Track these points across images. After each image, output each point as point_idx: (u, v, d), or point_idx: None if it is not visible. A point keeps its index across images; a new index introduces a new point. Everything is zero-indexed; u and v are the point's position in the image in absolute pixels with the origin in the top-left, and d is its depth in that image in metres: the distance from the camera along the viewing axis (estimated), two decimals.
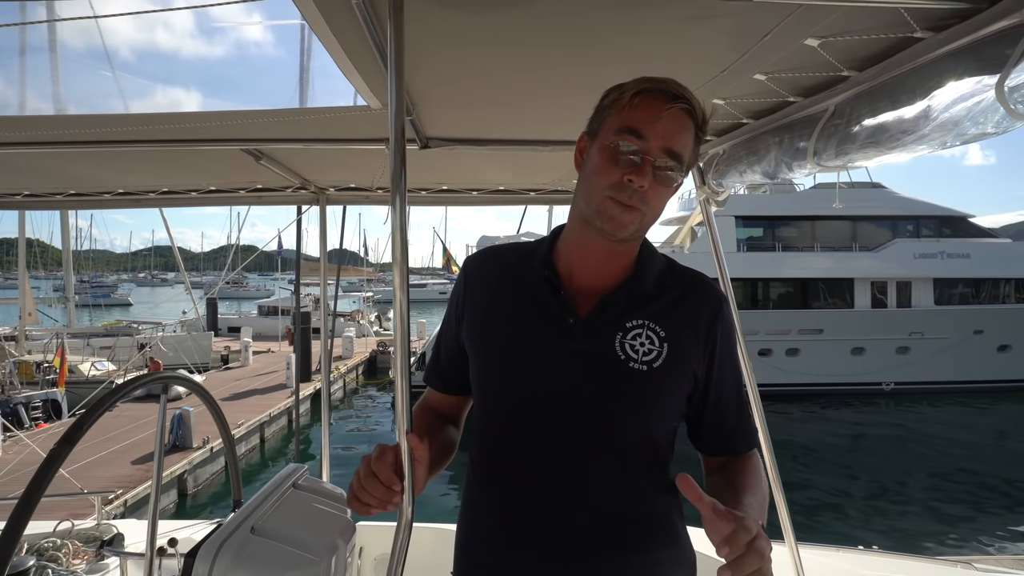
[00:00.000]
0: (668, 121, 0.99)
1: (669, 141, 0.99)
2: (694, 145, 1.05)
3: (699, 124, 1.04)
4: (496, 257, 1.22)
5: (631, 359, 1.04)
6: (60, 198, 3.03)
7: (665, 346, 1.05)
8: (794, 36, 1.13)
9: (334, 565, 1.07)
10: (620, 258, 1.10)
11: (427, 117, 1.84)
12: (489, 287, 1.17)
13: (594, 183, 1.03)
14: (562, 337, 1.06)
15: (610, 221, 1.01)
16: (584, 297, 1.09)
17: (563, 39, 1.23)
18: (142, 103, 2.43)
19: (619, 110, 1.02)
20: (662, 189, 1.01)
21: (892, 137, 1.24)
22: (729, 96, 1.54)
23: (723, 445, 1.16)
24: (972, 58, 1.04)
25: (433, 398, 1.27)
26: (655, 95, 1.00)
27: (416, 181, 2.82)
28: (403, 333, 0.96)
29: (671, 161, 1.00)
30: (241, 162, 2.32)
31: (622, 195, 0.99)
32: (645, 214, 1.02)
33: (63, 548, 2.85)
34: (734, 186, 1.93)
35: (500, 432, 1.11)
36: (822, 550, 2.82)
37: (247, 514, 1.08)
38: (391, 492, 0.94)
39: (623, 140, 1.00)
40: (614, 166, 1.00)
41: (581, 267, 1.10)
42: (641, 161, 0.99)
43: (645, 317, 1.07)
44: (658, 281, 1.11)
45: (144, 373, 3.56)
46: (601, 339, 1.05)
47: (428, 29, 1.20)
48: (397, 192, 0.96)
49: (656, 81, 1.01)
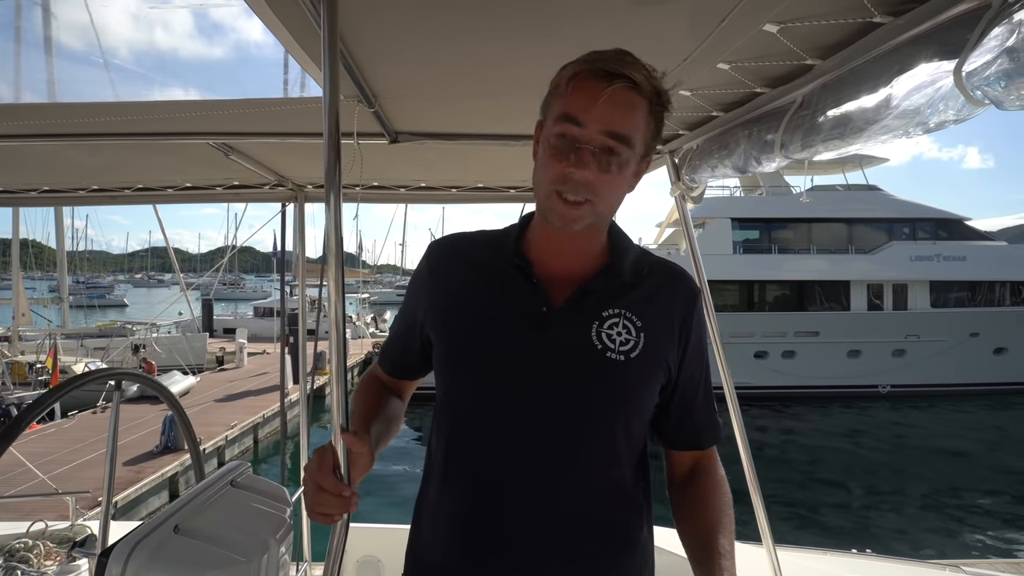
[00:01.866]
0: (608, 102, 0.92)
1: (610, 123, 0.93)
2: (649, 120, 0.97)
3: (653, 96, 0.96)
4: (463, 244, 1.16)
5: (608, 349, 1.00)
6: (35, 194, 2.99)
7: (642, 336, 1.02)
8: (751, 21, 1.10)
9: (264, 566, 1.03)
10: (587, 245, 1.06)
11: (393, 110, 1.81)
12: (455, 275, 1.11)
13: (539, 178, 0.99)
14: (536, 326, 1.01)
15: (560, 217, 0.97)
16: (558, 285, 1.04)
17: (515, 30, 1.20)
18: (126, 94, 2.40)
19: (559, 96, 0.97)
20: (610, 176, 0.96)
21: (856, 128, 1.20)
22: (696, 87, 1.51)
23: (689, 439, 1.13)
24: (931, 43, 1.01)
25: (380, 374, 1.24)
26: (592, 76, 0.93)
27: (391, 177, 2.79)
28: (338, 334, 0.93)
29: (616, 144, 0.94)
30: (214, 157, 2.28)
31: (566, 189, 0.95)
32: (595, 203, 0.97)
33: (35, 549, 2.82)
34: (706, 181, 1.90)
35: (468, 422, 1.06)
36: (802, 552, 2.78)
37: (172, 512, 1.04)
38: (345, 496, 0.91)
39: (561, 129, 0.95)
40: (555, 159, 0.95)
41: (552, 255, 1.06)
42: (581, 150, 0.93)
43: (622, 307, 1.03)
44: (634, 270, 1.07)
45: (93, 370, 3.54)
46: (577, 328, 1.01)
47: (382, 12, 1.16)
48: (332, 189, 0.91)
49: (593, 59, 0.94)
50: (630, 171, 1.00)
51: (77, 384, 1.27)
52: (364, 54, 1.36)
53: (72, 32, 1.60)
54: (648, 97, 0.95)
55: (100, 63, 1.55)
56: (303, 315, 3.37)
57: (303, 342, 3.33)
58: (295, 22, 1.12)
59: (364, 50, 1.33)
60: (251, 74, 1.90)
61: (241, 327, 25.55)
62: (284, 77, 2.01)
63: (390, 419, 1.14)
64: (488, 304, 1.06)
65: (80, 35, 1.60)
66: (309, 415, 3.04)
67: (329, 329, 0.93)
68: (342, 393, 0.94)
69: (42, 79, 1.83)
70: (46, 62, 1.64)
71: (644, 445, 1.09)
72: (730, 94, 1.54)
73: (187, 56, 2.45)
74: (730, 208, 20.30)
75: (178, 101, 1.81)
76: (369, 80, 1.53)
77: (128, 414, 12.89)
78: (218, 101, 1.75)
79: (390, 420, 1.14)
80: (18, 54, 1.95)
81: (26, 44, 1.90)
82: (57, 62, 1.63)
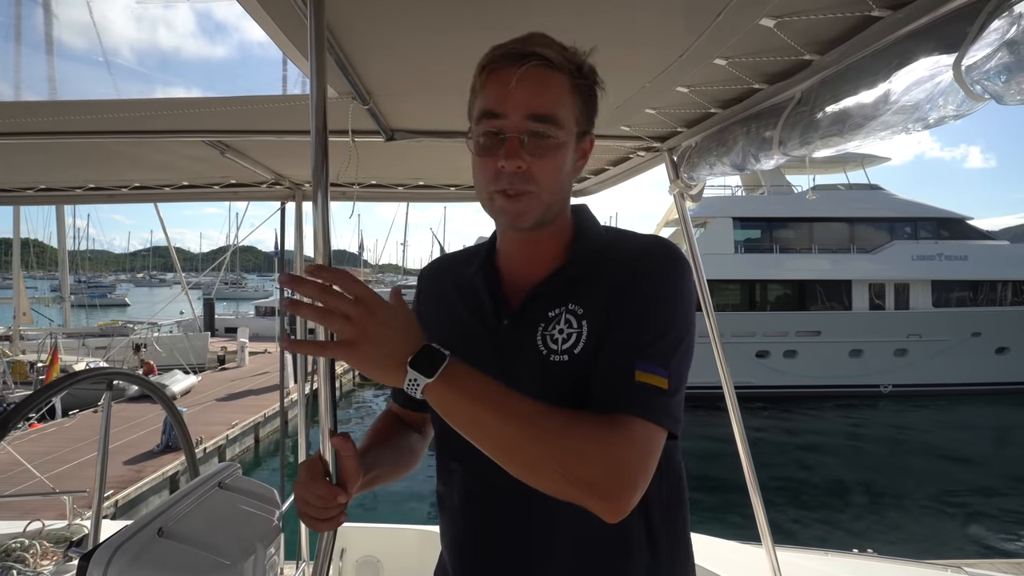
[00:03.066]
0: (522, 85, 0.87)
1: (530, 105, 0.87)
2: (574, 95, 0.91)
3: (573, 70, 0.91)
4: (446, 267, 1.15)
5: (552, 351, 0.92)
6: (32, 193, 2.97)
7: (584, 324, 0.91)
8: (748, 15, 1.08)
9: (251, 569, 1.01)
10: (547, 245, 1.00)
11: (389, 107, 1.79)
12: (440, 300, 1.10)
13: (478, 183, 0.95)
14: (494, 340, 0.97)
15: (507, 215, 0.93)
16: (519, 294, 1.00)
17: (509, 25, 1.18)
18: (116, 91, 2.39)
19: (476, 95, 0.93)
20: (546, 161, 0.90)
21: (855, 123, 1.19)
22: (693, 83, 1.49)
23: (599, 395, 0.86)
24: (932, 37, 0.99)
25: (393, 407, 1.22)
26: (501, 64, 0.89)
27: (389, 176, 2.77)
28: (327, 335, 0.91)
29: (542, 125, 0.88)
30: (210, 155, 2.27)
31: (503, 185, 0.90)
32: (538, 193, 0.91)
33: (31, 549, 2.81)
34: (704, 178, 1.88)
35: (444, 443, 1.05)
36: (802, 552, 2.77)
37: (156, 515, 1.02)
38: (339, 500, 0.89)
39: (485, 127, 0.90)
40: (486, 157, 0.91)
41: (518, 262, 1.02)
42: (507, 139, 0.88)
43: (567, 301, 0.94)
44: (589, 259, 0.97)
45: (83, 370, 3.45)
46: (525, 336, 0.95)
47: (376, 11, 1.15)
48: (319, 186, 0.89)
49: (501, 47, 0.90)
50: (568, 153, 0.93)
51: (71, 383, 1.26)
52: (356, 50, 1.35)
53: (69, 29, 1.58)
54: (566, 71, 0.90)
55: (97, 61, 1.54)
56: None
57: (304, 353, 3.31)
58: (284, 16, 1.10)
59: (356, 45, 1.32)
60: (248, 72, 1.88)
61: (242, 326, 25.56)
62: (283, 74, 1.99)
63: (400, 448, 1.11)
64: (458, 326, 1.03)
65: (78, 32, 1.59)
66: (308, 415, 3.02)
67: (316, 331, 0.91)
68: (330, 396, 0.93)
69: (36, 76, 1.81)
70: (36, 59, 1.62)
71: None
72: (728, 91, 1.52)
73: (184, 54, 2.42)
74: (731, 208, 20.27)
75: (171, 98, 1.79)
76: (362, 77, 1.51)
77: (129, 413, 12.89)
78: (212, 98, 1.74)
79: (400, 449, 1.11)
80: (15, 53, 1.94)
81: (20, 41, 1.89)
82: (48, 59, 1.62)
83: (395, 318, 0.77)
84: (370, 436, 1.13)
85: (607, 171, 2.57)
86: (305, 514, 0.89)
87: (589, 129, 0.98)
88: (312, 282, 0.75)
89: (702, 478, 10.76)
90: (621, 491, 0.78)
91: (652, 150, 2.16)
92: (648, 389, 0.84)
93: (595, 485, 0.77)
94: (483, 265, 1.04)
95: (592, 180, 2.81)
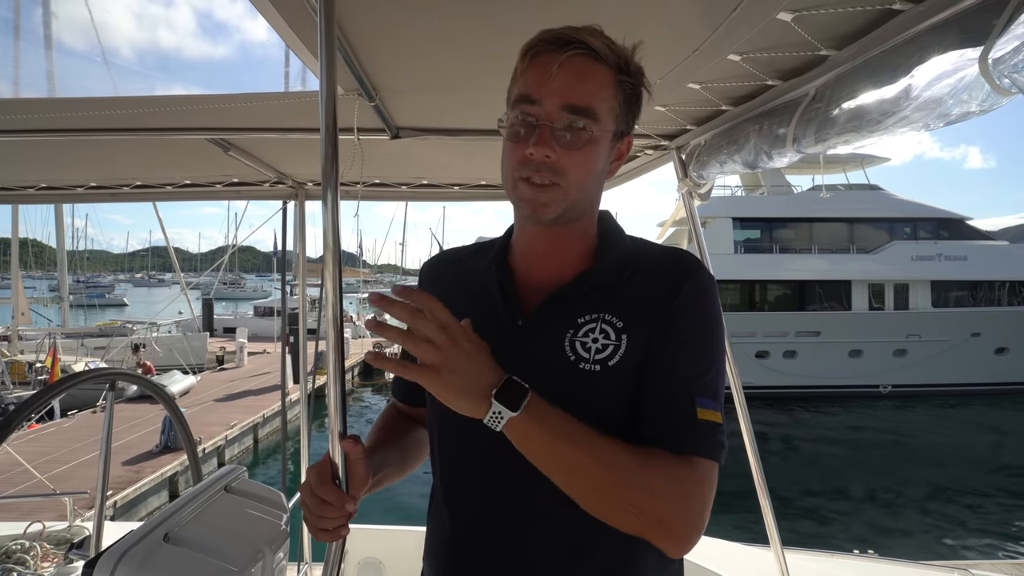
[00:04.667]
0: (562, 74, 0.84)
1: (567, 96, 0.84)
2: (616, 91, 0.88)
3: (620, 64, 0.87)
4: (450, 261, 1.11)
5: (581, 359, 0.88)
6: (33, 191, 2.95)
7: (624, 339, 0.88)
8: (765, 9, 1.06)
9: (258, 575, 0.99)
10: (572, 245, 0.96)
11: (395, 104, 1.77)
12: (441, 293, 1.04)
13: (505, 167, 0.91)
14: (509, 343, 0.90)
15: (528, 204, 0.89)
16: (536, 294, 0.96)
17: (519, 20, 1.16)
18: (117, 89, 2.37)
19: (515, 80, 0.90)
20: (577, 155, 0.86)
21: (872, 120, 1.17)
22: (705, 80, 1.47)
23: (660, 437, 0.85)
24: (955, 30, 0.97)
25: (396, 403, 1.19)
26: (545, 49, 0.85)
27: (393, 175, 2.75)
28: (336, 335, 0.89)
29: (577, 117, 0.85)
30: (213, 154, 2.25)
31: (529, 172, 0.87)
32: (565, 187, 0.87)
33: (31, 551, 2.78)
34: (714, 177, 1.86)
35: (449, 454, 0.99)
36: (810, 555, 2.75)
37: (162, 519, 1.00)
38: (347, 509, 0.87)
39: (519, 111, 0.87)
40: (516, 143, 0.88)
41: (535, 261, 0.98)
42: (540, 127, 0.85)
43: (600, 309, 0.91)
44: (619, 268, 0.94)
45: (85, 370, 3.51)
46: (550, 340, 0.91)
47: (385, 7, 1.13)
48: (329, 185, 0.87)
49: (547, 32, 0.87)
50: (602, 151, 0.90)
51: (71, 384, 1.23)
52: (364, 46, 1.33)
53: (70, 26, 1.56)
54: (612, 65, 0.87)
55: (99, 58, 1.52)
56: (303, 314, 3.34)
57: (303, 342, 3.30)
58: (292, 12, 1.08)
59: (364, 41, 1.30)
60: (251, 69, 1.87)
61: (241, 327, 25.55)
62: (285, 71, 1.97)
63: (406, 447, 1.08)
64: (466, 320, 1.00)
65: (79, 30, 1.57)
66: (310, 417, 3.00)
67: (326, 330, 0.90)
68: (339, 397, 0.91)
69: (37, 73, 1.79)
70: (37, 56, 1.60)
71: None
72: (740, 87, 1.50)
73: (187, 51, 2.42)
74: (731, 207, 20.27)
75: (174, 95, 1.77)
76: (369, 73, 1.49)
77: (128, 413, 12.86)
78: (214, 95, 1.72)
79: (406, 448, 1.08)
80: (14, 49, 1.92)
81: (21, 38, 1.87)
82: (48, 55, 1.60)
83: (479, 350, 0.77)
84: (375, 435, 1.10)
85: None
86: (310, 522, 0.87)
87: (628, 130, 0.94)
88: (403, 304, 0.74)
89: None
90: (690, 531, 0.80)
91: (660, 148, 2.14)
92: (709, 427, 0.85)
93: (666, 524, 0.80)
94: (496, 260, 1.00)
95: None
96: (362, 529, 2.94)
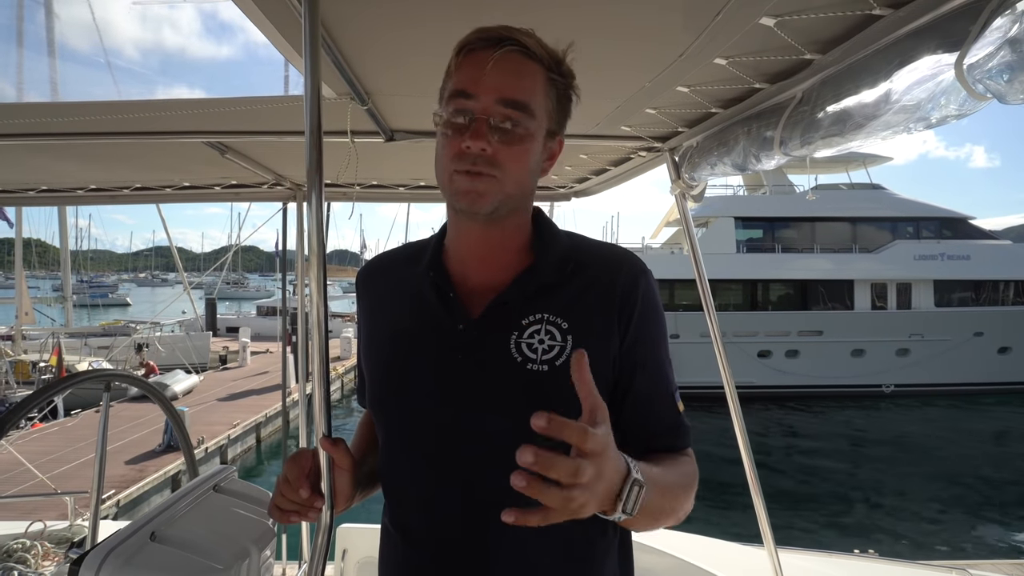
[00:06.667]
0: (497, 69, 0.86)
1: (503, 91, 0.86)
2: (548, 89, 0.90)
3: (551, 64, 0.89)
4: (384, 265, 1.09)
5: (528, 360, 0.89)
6: (33, 194, 2.98)
7: (569, 339, 0.89)
8: (747, 14, 1.08)
9: (244, 573, 1.00)
10: (508, 243, 0.96)
11: (388, 108, 1.79)
12: (376, 301, 1.05)
13: (440, 162, 0.91)
14: (452, 347, 0.91)
15: (464, 196, 0.88)
16: (477, 297, 0.94)
17: (507, 21, 1.18)
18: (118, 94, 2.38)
19: (449, 76, 0.91)
20: (513, 149, 0.87)
21: (855, 123, 1.18)
22: (693, 83, 1.48)
23: (658, 443, 0.95)
24: (932, 36, 0.98)
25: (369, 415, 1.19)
26: (479, 46, 0.87)
27: (390, 176, 2.77)
28: (321, 336, 0.90)
29: (512, 112, 0.86)
30: (211, 157, 2.27)
31: (466, 165, 0.86)
32: (501, 180, 0.87)
33: (32, 549, 2.81)
34: (706, 179, 1.87)
35: (396, 457, 0.97)
36: (805, 554, 2.76)
37: (149, 519, 1.01)
38: (309, 500, 0.88)
39: (454, 106, 0.88)
40: (451, 138, 0.88)
41: (471, 263, 0.97)
42: (475, 121, 0.86)
43: (544, 310, 0.91)
44: (559, 266, 0.95)
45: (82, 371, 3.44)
46: (494, 343, 0.90)
47: (372, 6, 1.14)
48: (314, 187, 0.89)
49: (480, 31, 0.89)
50: (536, 147, 0.91)
51: (69, 385, 1.25)
52: (354, 50, 1.34)
53: (71, 31, 1.58)
54: (544, 63, 0.89)
55: (100, 63, 1.55)
56: (302, 314, 3.36)
57: (303, 341, 3.32)
58: (280, 16, 1.10)
59: (354, 46, 1.31)
60: (250, 73, 1.89)
61: (244, 326, 25.58)
62: (284, 76, 1.99)
63: None
64: (402, 330, 0.97)
65: (80, 34, 1.59)
66: (309, 415, 3.02)
67: (311, 332, 0.91)
68: (324, 398, 0.92)
69: (39, 78, 1.82)
70: (39, 61, 1.62)
71: None
72: (729, 90, 1.52)
73: (187, 56, 2.44)
74: (733, 207, 20.26)
75: (172, 100, 1.79)
76: (360, 77, 1.51)
77: (131, 412, 12.91)
78: (211, 99, 1.74)
79: None
80: (14, 53, 1.94)
81: (19, 43, 1.89)
82: (50, 61, 1.62)
83: (617, 470, 0.71)
84: (358, 447, 1.09)
85: (608, 171, 2.56)
86: (276, 506, 0.90)
87: (559, 131, 0.96)
88: (563, 463, 0.64)
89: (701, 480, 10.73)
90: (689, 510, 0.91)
91: (653, 150, 2.16)
92: (684, 417, 0.97)
93: (681, 515, 0.89)
94: (432, 265, 0.98)
95: (593, 180, 2.81)
96: (362, 529, 2.96)
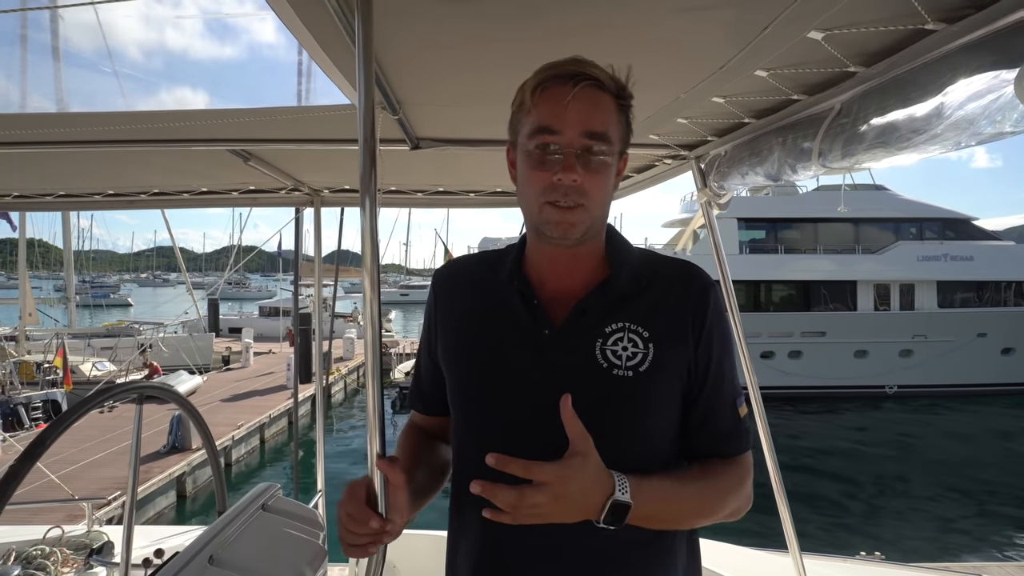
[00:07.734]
0: (577, 104, 0.91)
1: (586, 123, 0.92)
2: (619, 116, 0.97)
3: (616, 92, 0.96)
4: (464, 269, 1.15)
5: (614, 366, 0.95)
6: (51, 199, 2.97)
7: (651, 347, 0.96)
8: (796, 29, 1.07)
9: None
10: (586, 259, 1.02)
11: (416, 117, 1.79)
12: (457, 303, 1.10)
13: (528, 194, 0.97)
14: (537, 351, 0.97)
15: (556, 227, 0.94)
16: (559, 305, 1.00)
17: (550, 34, 1.18)
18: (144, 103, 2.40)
19: (527, 112, 0.96)
20: (597, 177, 0.94)
21: (902, 137, 1.17)
22: (729, 94, 1.48)
23: (713, 448, 1.03)
24: (988, 51, 0.98)
25: (419, 419, 1.20)
26: (555, 83, 0.93)
27: (410, 182, 2.77)
28: (375, 348, 0.90)
29: (596, 143, 0.93)
30: (232, 163, 2.27)
31: (557, 197, 0.93)
32: (588, 207, 0.94)
33: (51, 556, 2.80)
34: (736, 188, 1.87)
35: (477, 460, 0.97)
36: (827, 560, 2.75)
37: (206, 542, 1.00)
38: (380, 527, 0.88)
39: (539, 141, 0.93)
40: (540, 171, 0.94)
41: (551, 273, 1.03)
42: (564, 155, 0.92)
43: (626, 319, 0.98)
44: (635, 278, 1.02)
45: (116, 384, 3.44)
46: (580, 349, 0.96)
47: (412, 23, 1.14)
48: (367, 194, 0.91)
49: (552, 68, 0.94)
50: (614, 171, 0.98)
51: (107, 396, 1.26)
52: (391, 63, 1.34)
53: (88, 41, 1.58)
54: (614, 93, 0.95)
55: (127, 74, 1.55)
56: (318, 315, 3.36)
57: (319, 343, 3.33)
58: (326, 34, 1.10)
59: (391, 59, 1.31)
60: (271, 82, 1.90)
61: (247, 327, 25.60)
62: (307, 85, 1.99)
63: (437, 466, 1.10)
64: (488, 332, 1.03)
65: (101, 46, 1.59)
66: (323, 418, 3.02)
67: (364, 334, 0.92)
68: (377, 413, 0.92)
69: (69, 89, 1.82)
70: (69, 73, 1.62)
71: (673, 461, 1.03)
72: (764, 101, 1.51)
73: (208, 63, 2.44)
74: (736, 208, 20.20)
75: (199, 110, 1.80)
76: (394, 87, 1.51)
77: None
78: (239, 110, 1.74)
79: (437, 468, 1.10)
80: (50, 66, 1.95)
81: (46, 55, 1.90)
82: (80, 73, 1.62)
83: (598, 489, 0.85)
84: (406, 458, 1.09)
85: (631, 177, 2.56)
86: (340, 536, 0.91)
87: (625, 150, 1.02)
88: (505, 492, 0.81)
89: None
90: (748, 507, 1.02)
91: (679, 158, 2.15)
92: (745, 422, 1.05)
93: (737, 513, 1.00)
94: (515, 272, 1.04)
95: None
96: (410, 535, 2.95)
